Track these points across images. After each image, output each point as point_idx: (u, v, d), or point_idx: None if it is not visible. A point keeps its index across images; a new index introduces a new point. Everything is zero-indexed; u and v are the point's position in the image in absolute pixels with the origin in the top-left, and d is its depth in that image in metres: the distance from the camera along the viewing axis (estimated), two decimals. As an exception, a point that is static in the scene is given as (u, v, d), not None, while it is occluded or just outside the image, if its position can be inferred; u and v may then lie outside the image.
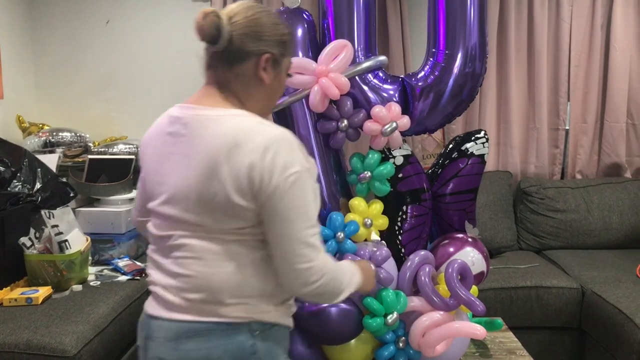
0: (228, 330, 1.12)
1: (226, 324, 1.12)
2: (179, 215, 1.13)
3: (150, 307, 1.20)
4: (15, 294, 2.30)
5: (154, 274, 1.19)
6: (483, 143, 1.65)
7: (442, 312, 1.50)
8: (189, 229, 1.13)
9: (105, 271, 2.69)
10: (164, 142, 1.20)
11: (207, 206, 1.10)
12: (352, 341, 1.53)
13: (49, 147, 3.15)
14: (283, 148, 1.08)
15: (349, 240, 1.47)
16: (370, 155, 1.54)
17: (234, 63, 1.20)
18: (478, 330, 1.44)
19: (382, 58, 1.56)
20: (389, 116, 1.50)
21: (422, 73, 1.59)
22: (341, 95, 1.48)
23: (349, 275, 1.18)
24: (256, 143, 1.07)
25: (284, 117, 1.55)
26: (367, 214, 1.54)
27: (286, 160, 1.08)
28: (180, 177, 1.13)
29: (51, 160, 3.01)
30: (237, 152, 1.07)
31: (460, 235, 1.66)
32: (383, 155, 1.57)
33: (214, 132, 1.12)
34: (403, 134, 1.57)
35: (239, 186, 1.07)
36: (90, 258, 2.72)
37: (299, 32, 1.56)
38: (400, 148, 1.59)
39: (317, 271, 1.10)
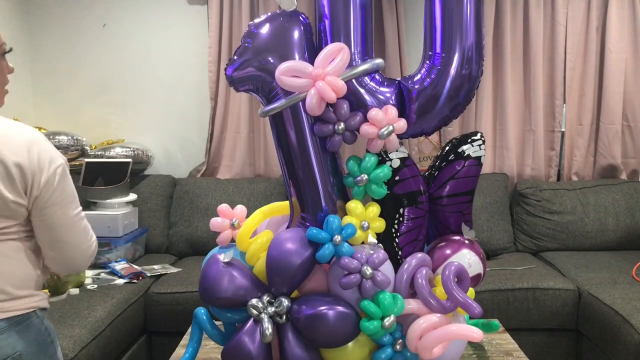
0: (22, 322, 1.19)
1: (18, 316, 1.18)
2: None
3: None
4: None
5: None
6: (480, 145, 1.65)
7: (439, 315, 1.50)
8: None
9: (102, 275, 2.69)
10: None
11: None
12: (349, 344, 1.53)
13: (45, 150, 3.14)
14: (41, 145, 1.20)
15: (346, 243, 1.47)
16: (367, 158, 1.54)
17: None
18: (475, 333, 1.44)
19: (379, 61, 1.57)
20: (385, 119, 1.50)
21: (419, 76, 1.60)
22: (338, 98, 1.48)
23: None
24: (19, 141, 1.16)
25: (280, 120, 1.55)
26: (364, 217, 1.54)
27: (50, 156, 1.20)
28: None
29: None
30: (6, 156, 1.14)
31: (457, 238, 1.66)
32: (380, 158, 1.57)
33: None
34: (400, 136, 1.57)
35: (12, 185, 1.14)
36: (87, 261, 2.72)
37: (295, 35, 1.57)
38: (396, 151, 1.59)
39: (95, 243, 1.31)
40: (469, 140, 1.66)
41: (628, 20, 3.25)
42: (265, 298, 1.50)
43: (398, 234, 1.61)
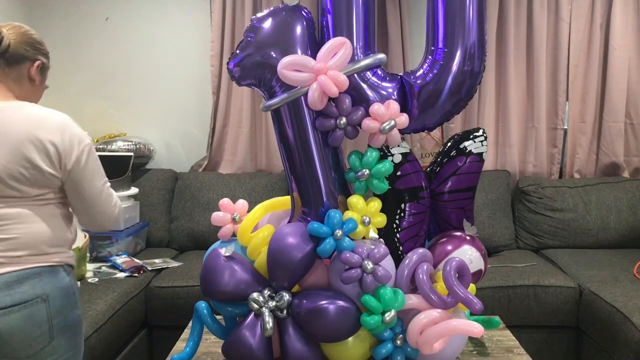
0: (52, 271, 1.43)
1: (50, 266, 1.43)
2: None
3: None
4: None
5: None
6: (482, 141, 1.65)
7: (439, 310, 1.50)
8: (3, 201, 1.39)
9: (104, 268, 2.70)
10: None
11: (18, 181, 1.38)
12: (350, 339, 1.54)
13: (47, 143, 3.14)
14: (71, 128, 1.44)
15: (347, 238, 1.47)
16: (368, 153, 1.54)
17: (13, 65, 1.48)
18: (475, 328, 1.44)
19: (381, 56, 1.56)
20: (387, 114, 1.50)
21: (421, 71, 1.59)
22: (340, 92, 1.48)
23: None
24: (54, 127, 1.41)
25: (282, 115, 1.54)
26: (365, 212, 1.54)
27: (79, 136, 1.45)
28: None
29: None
30: (40, 132, 1.39)
31: (458, 234, 1.66)
32: (381, 153, 1.57)
33: (12, 119, 1.40)
34: (401, 131, 1.57)
35: (50, 160, 1.40)
36: (88, 255, 2.72)
37: (298, 29, 1.56)
38: (398, 146, 1.59)
39: (119, 207, 1.57)
40: (471, 136, 1.66)
41: (632, 17, 3.23)
42: (266, 292, 1.50)
43: (399, 229, 1.61)
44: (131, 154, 3.12)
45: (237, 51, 1.58)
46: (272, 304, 1.48)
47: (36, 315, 1.38)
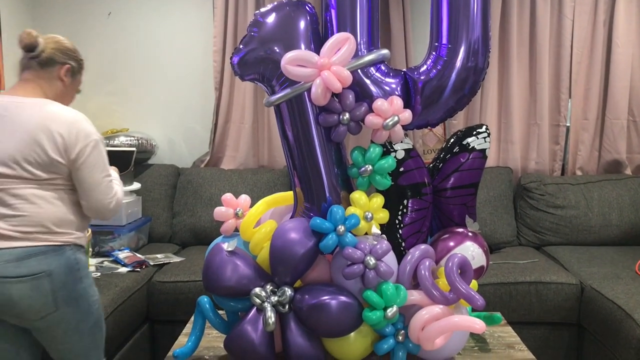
0: (58, 250, 1.61)
1: (56, 246, 1.60)
2: (10, 172, 1.58)
3: None
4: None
5: None
6: (485, 138, 1.65)
7: (441, 306, 1.50)
8: (18, 182, 1.59)
9: (106, 263, 2.70)
10: None
11: (30, 164, 1.58)
12: (352, 334, 1.54)
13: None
14: (81, 124, 1.65)
15: (350, 234, 1.47)
16: (371, 149, 1.54)
17: (45, 67, 1.72)
18: (477, 324, 1.44)
19: (385, 51, 1.56)
20: (390, 110, 1.49)
21: (425, 67, 1.59)
22: (343, 88, 1.48)
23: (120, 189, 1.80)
24: (64, 121, 1.62)
25: (284, 110, 1.55)
26: (368, 208, 1.54)
27: (85, 132, 1.65)
28: (7, 146, 1.58)
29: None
30: (53, 126, 1.60)
31: (460, 230, 1.66)
32: (384, 149, 1.57)
33: (31, 112, 1.62)
34: (405, 128, 1.57)
35: (57, 148, 1.59)
36: (90, 250, 2.72)
37: (302, 24, 1.56)
38: (401, 142, 1.59)
39: (117, 201, 1.73)
40: (474, 132, 1.66)
41: (635, 14, 3.22)
42: (269, 287, 1.50)
43: (402, 225, 1.62)
44: (134, 149, 3.12)
45: (241, 46, 1.58)
46: (274, 299, 1.49)
47: (41, 287, 1.57)
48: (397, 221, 1.61)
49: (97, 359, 1.78)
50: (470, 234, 1.65)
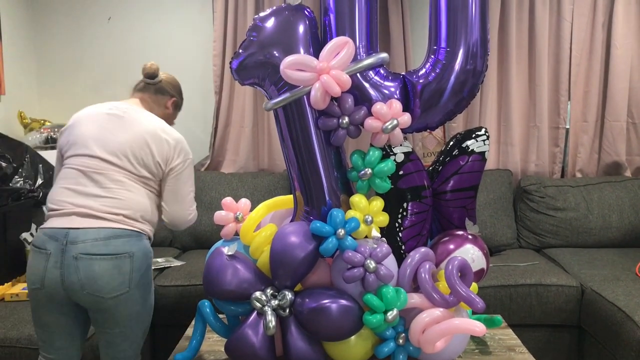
0: (139, 236, 1.77)
1: (138, 231, 1.77)
2: (117, 162, 1.78)
3: (69, 223, 1.71)
4: (16, 289, 2.31)
5: (77, 200, 1.74)
6: (484, 140, 1.65)
7: (441, 309, 1.50)
8: (120, 171, 1.79)
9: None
10: (103, 119, 1.88)
11: (136, 160, 1.80)
12: (352, 337, 1.54)
13: (50, 143, 3.15)
14: (184, 144, 1.90)
15: (350, 237, 1.48)
16: (371, 152, 1.55)
17: (158, 94, 2.05)
18: (477, 327, 1.45)
19: (384, 55, 1.57)
20: (390, 113, 1.50)
21: (423, 70, 1.59)
22: (342, 92, 1.48)
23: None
24: (173, 136, 1.87)
25: (284, 114, 1.55)
26: (367, 211, 1.54)
27: (186, 151, 1.90)
28: (121, 139, 1.81)
29: (53, 156, 3.00)
30: (163, 135, 1.85)
31: (460, 233, 1.67)
32: (384, 153, 1.57)
33: (147, 120, 1.88)
34: (404, 131, 1.57)
35: (162, 154, 1.83)
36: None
37: (301, 28, 1.57)
38: (401, 145, 1.59)
39: (194, 214, 1.97)
40: (473, 135, 1.66)
41: (634, 16, 3.23)
42: (269, 291, 1.50)
43: (401, 229, 1.62)
44: (134, 153, 3.12)
45: (240, 50, 1.58)
46: (274, 302, 1.49)
47: (123, 266, 1.70)
48: (397, 224, 1.62)
49: (138, 350, 1.86)
50: (470, 236, 1.65)
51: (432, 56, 1.60)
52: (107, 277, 1.68)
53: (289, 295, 1.49)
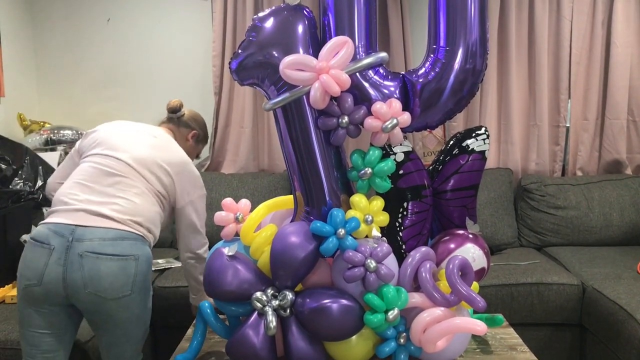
0: (145, 241, 1.79)
1: (143, 236, 1.78)
2: (140, 170, 1.83)
3: (77, 219, 1.71)
4: (17, 291, 2.31)
5: (90, 197, 1.76)
6: (484, 139, 1.65)
7: (442, 308, 1.50)
8: (141, 178, 1.83)
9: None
10: (134, 132, 1.96)
11: (156, 178, 1.86)
12: (353, 337, 1.54)
13: (50, 144, 3.16)
14: (199, 179, 1.99)
15: (350, 237, 1.47)
16: (370, 152, 1.54)
17: (181, 127, 2.15)
18: (479, 326, 1.44)
19: (383, 55, 1.56)
20: (389, 113, 1.50)
21: (423, 69, 1.59)
22: (342, 91, 1.48)
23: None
24: (193, 168, 1.98)
25: (284, 114, 1.55)
26: (367, 211, 1.54)
27: (201, 185, 1.99)
28: (151, 153, 1.88)
29: (52, 158, 3.01)
30: (186, 166, 1.96)
31: (461, 232, 1.66)
32: (384, 152, 1.57)
33: (176, 147, 2.00)
34: (404, 130, 1.57)
35: (182, 184, 1.91)
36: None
37: (300, 28, 1.56)
38: (400, 144, 1.59)
39: (204, 244, 2.04)
40: (474, 134, 1.66)
41: (634, 14, 3.23)
42: (270, 291, 1.50)
43: (402, 228, 1.62)
44: (134, 154, 3.12)
45: (239, 51, 1.58)
46: (275, 303, 1.49)
47: (128, 268, 1.70)
48: (397, 224, 1.61)
49: (140, 349, 1.86)
50: (470, 235, 1.65)
51: (432, 55, 1.60)
52: (111, 277, 1.66)
53: (289, 295, 1.49)
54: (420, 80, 1.57)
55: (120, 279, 1.68)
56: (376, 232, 1.54)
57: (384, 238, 1.53)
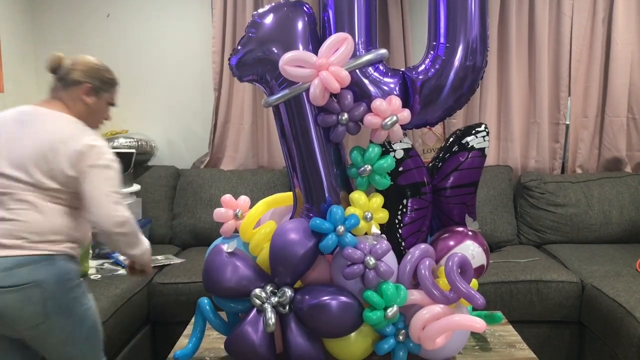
0: (49, 259, 1.58)
1: (47, 255, 1.58)
2: (23, 177, 1.59)
3: None
4: None
5: None
6: (484, 136, 1.65)
7: (442, 306, 1.50)
8: (27, 188, 1.59)
9: (106, 265, 2.70)
10: (8, 125, 1.66)
11: (41, 173, 1.59)
12: (352, 334, 1.54)
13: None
14: (98, 148, 1.64)
15: (349, 234, 1.47)
16: (370, 149, 1.54)
17: (69, 87, 1.73)
18: (478, 323, 1.44)
19: (383, 51, 1.56)
20: (389, 109, 1.49)
21: (423, 66, 1.59)
22: (341, 88, 1.48)
23: (144, 241, 1.74)
24: (82, 142, 1.62)
25: (283, 111, 1.54)
26: (367, 208, 1.54)
27: (98, 155, 1.63)
28: (24, 150, 1.60)
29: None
30: (70, 142, 1.61)
31: (460, 229, 1.66)
32: (383, 149, 1.57)
33: (52, 124, 1.66)
34: (403, 127, 1.57)
35: (71, 163, 1.60)
36: (90, 252, 2.72)
37: (299, 25, 1.56)
38: (400, 141, 1.59)
39: (125, 218, 1.64)
40: (473, 131, 1.66)
41: (634, 11, 3.22)
42: (269, 288, 1.50)
43: (401, 225, 1.62)
44: (133, 150, 3.11)
45: (239, 47, 1.58)
46: (274, 299, 1.49)
47: (31, 297, 1.54)
48: (396, 221, 1.61)
49: (98, 355, 1.75)
50: (470, 233, 1.65)
51: (432, 52, 1.59)
52: (16, 309, 1.53)
53: (288, 292, 1.49)
54: (420, 77, 1.57)
55: (28, 309, 1.55)
56: (375, 229, 1.54)
57: (384, 235, 1.53)
